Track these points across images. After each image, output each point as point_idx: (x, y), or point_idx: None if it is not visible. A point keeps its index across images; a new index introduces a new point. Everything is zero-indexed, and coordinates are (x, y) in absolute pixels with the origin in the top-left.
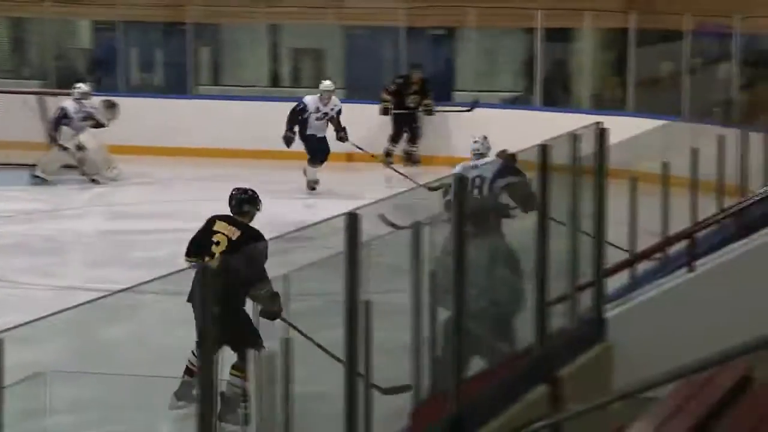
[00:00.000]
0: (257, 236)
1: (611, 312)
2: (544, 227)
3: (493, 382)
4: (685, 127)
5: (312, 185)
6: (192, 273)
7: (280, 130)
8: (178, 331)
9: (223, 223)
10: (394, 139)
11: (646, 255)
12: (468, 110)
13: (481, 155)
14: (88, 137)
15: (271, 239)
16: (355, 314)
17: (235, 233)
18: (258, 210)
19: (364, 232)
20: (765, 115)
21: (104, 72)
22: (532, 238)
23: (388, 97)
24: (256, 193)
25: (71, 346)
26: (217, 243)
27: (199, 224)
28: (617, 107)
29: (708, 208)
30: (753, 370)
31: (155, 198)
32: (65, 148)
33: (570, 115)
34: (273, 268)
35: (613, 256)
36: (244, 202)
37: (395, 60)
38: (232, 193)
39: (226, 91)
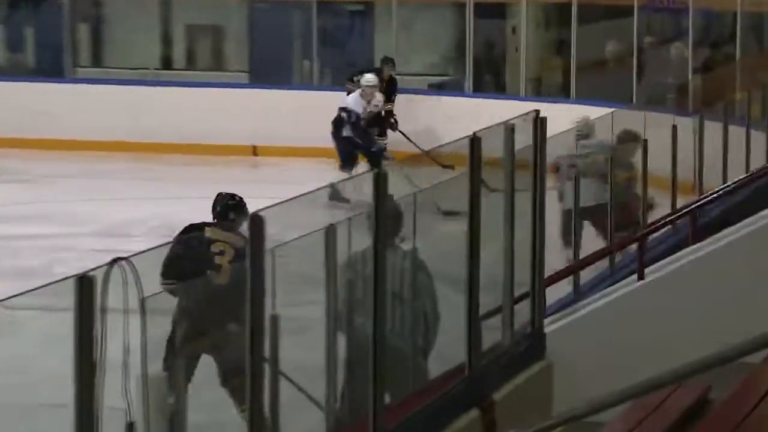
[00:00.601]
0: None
1: (551, 326)
2: (476, 230)
3: (417, 407)
4: (634, 115)
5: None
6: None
7: (172, 118)
8: (58, 351)
9: (218, 231)
10: None
11: (590, 261)
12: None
13: (585, 136)
14: None
15: (163, 245)
16: (260, 331)
17: (239, 241)
18: (246, 218)
19: (270, 237)
20: (723, 102)
21: None
22: (462, 242)
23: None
24: (243, 199)
25: None
26: (221, 252)
27: (79, 229)
28: (558, 93)
29: (660, 207)
30: (711, 391)
31: (27, 198)
32: None
33: (504, 102)
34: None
35: (553, 263)
36: (231, 209)
37: (305, 39)
38: (216, 198)
39: (109, 74)
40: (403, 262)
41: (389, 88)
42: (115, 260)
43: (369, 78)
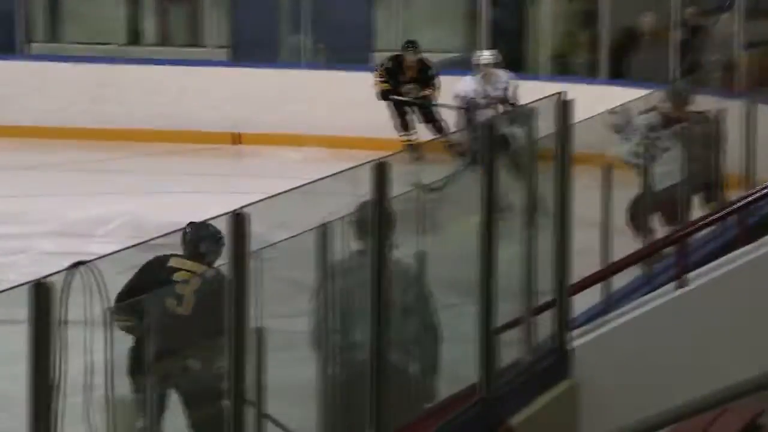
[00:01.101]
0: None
1: (578, 341)
2: (491, 229)
3: None
4: None
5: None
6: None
7: (141, 101)
8: (8, 370)
9: (182, 260)
10: (404, 126)
11: (623, 266)
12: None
13: (624, 126)
14: None
15: (130, 247)
16: (243, 346)
17: (207, 271)
18: (219, 254)
19: (255, 237)
20: None
21: None
22: (475, 243)
23: (380, 79)
24: (219, 231)
25: None
26: (184, 281)
27: (33, 228)
28: (586, 73)
29: (704, 203)
30: (762, 416)
31: None
32: None
33: (525, 82)
34: None
35: (580, 267)
36: (202, 240)
37: (294, 9)
38: (186, 227)
39: (68, 50)
40: (395, 271)
41: (420, 74)
42: (77, 264)
43: (485, 56)
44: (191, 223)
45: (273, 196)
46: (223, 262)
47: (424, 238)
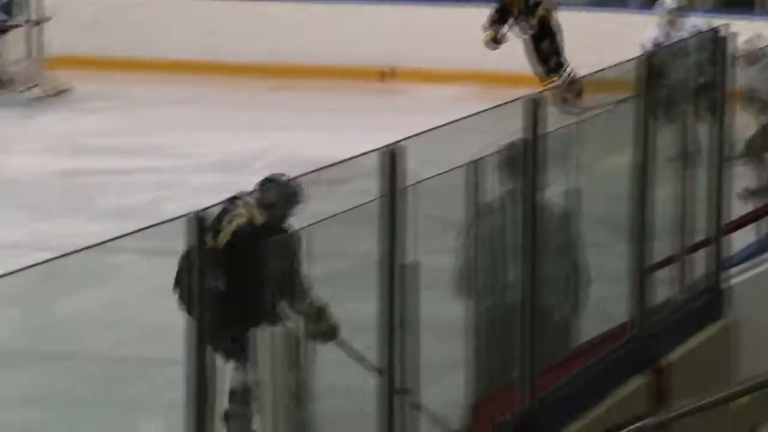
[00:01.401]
0: (289, 233)
1: (735, 279)
2: (646, 167)
3: (574, 372)
4: None
5: None
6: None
7: (291, 36)
8: (160, 301)
9: (240, 203)
10: (546, 71)
11: None
12: None
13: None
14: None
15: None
16: (395, 281)
17: (261, 216)
18: (292, 207)
19: (409, 173)
20: None
21: None
22: (627, 181)
23: (487, 32)
24: (295, 183)
25: (18, 321)
26: (230, 221)
27: (188, 162)
28: (744, 4)
29: None
30: None
31: (127, 127)
32: None
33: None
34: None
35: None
36: (274, 192)
37: None
38: (262, 181)
39: None
40: (545, 210)
41: (526, 5)
42: (233, 198)
43: (669, 1)
44: (267, 178)
45: (423, 132)
46: (372, 198)
47: (575, 176)
